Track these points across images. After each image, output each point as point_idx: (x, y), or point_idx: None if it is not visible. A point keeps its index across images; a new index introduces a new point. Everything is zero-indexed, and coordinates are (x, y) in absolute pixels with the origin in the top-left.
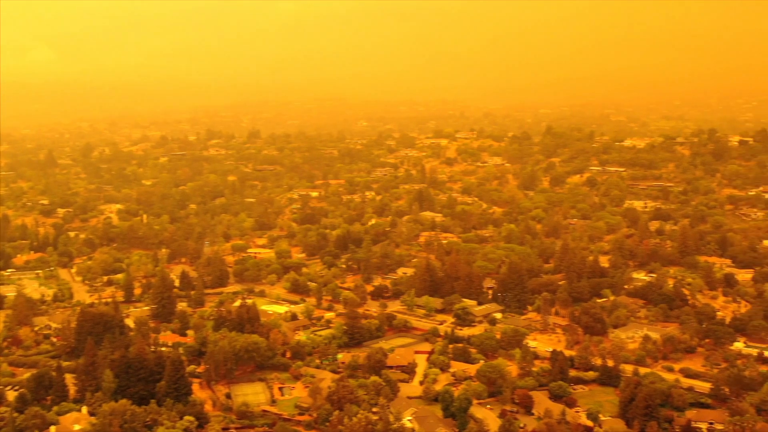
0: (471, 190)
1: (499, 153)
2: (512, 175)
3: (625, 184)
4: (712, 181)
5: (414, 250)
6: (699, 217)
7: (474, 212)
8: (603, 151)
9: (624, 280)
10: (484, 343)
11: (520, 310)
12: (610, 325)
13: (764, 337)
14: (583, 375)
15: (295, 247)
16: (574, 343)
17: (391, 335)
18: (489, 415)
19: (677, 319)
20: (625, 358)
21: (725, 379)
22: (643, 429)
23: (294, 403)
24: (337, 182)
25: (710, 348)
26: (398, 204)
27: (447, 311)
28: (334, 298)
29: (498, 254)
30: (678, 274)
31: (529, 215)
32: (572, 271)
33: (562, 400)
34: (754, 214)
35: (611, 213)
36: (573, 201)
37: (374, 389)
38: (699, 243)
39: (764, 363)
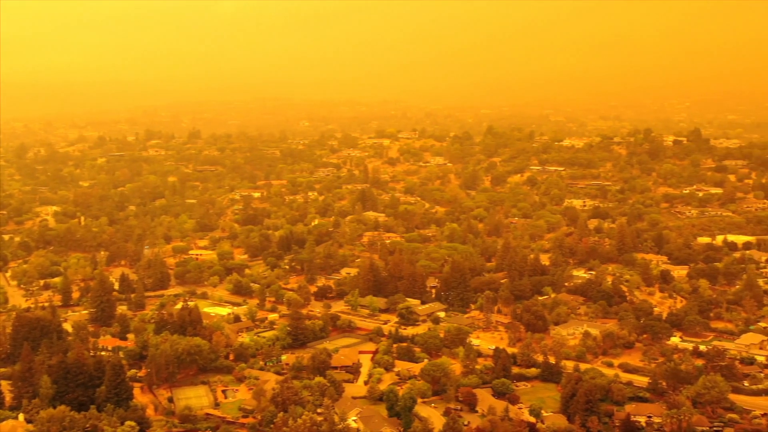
0: (414, 190)
1: (441, 153)
2: (454, 174)
3: (565, 183)
4: (648, 180)
5: (357, 250)
6: (636, 215)
7: (417, 212)
8: (543, 151)
9: (564, 278)
10: (428, 342)
11: (463, 308)
12: (551, 322)
13: (699, 332)
14: (526, 372)
15: (238, 249)
16: (516, 340)
17: (335, 336)
18: (433, 413)
19: (616, 316)
20: (566, 354)
21: (662, 373)
22: (584, 424)
23: (238, 405)
24: (280, 183)
25: (648, 343)
26: (341, 204)
27: (391, 311)
28: (278, 300)
29: (441, 253)
30: (616, 271)
31: (471, 214)
32: (514, 270)
33: (505, 397)
34: (689, 212)
35: (551, 212)
36: (514, 200)
37: (319, 390)
38: (636, 240)
39: (699, 357)
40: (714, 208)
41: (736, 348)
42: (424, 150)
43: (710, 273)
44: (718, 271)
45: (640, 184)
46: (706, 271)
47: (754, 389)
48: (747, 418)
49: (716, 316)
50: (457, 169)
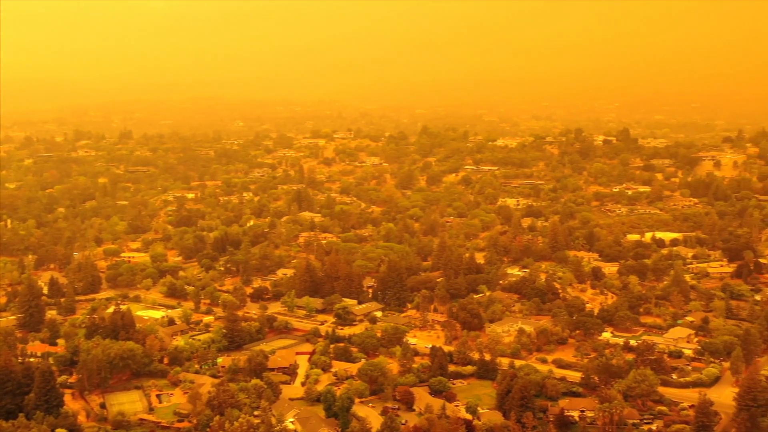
0: (349, 190)
1: (376, 153)
2: (390, 174)
3: (499, 183)
4: (580, 179)
5: (293, 251)
6: (568, 214)
7: (353, 212)
8: (477, 151)
9: (499, 276)
10: (365, 341)
11: (400, 307)
12: (486, 320)
13: (629, 327)
14: (462, 369)
15: (171, 251)
16: (452, 338)
17: (271, 337)
18: (371, 413)
19: (549, 312)
20: (502, 351)
21: (594, 368)
22: (519, 420)
23: (173, 409)
24: (214, 183)
25: (580, 339)
26: (277, 205)
27: (328, 311)
28: (213, 302)
29: (377, 253)
30: (549, 269)
31: (407, 214)
32: (449, 268)
33: (442, 395)
34: (618, 210)
35: (486, 211)
36: (449, 199)
37: (255, 392)
38: (568, 238)
39: (630, 351)
40: (642, 206)
41: (665, 342)
42: (359, 150)
43: (639, 269)
44: (646, 267)
45: (572, 183)
46: (636, 267)
47: (682, 382)
48: (675, 410)
49: (645, 311)
50: (392, 168)
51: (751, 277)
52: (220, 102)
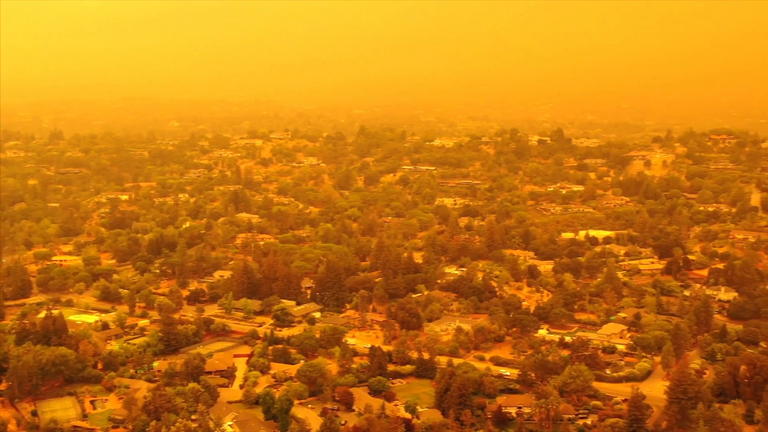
0: (287, 191)
1: (314, 153)
2: (327, 174)
3: (436, 183)
4: (515, 179)
5: (231, 253)
6: (504, 213)
7: (291, 212)
8: (414, 151)
9: (437, 275)
10: (304, 342)
11: (339, 308)
12: (425, 319)
13: (564, 324)
14: (401, 369)
15: (105, 254)
16: (391, 338)
17: (209, 340)
18: (310, 414)
19: (486, 311)
20: (440, 350)
21: (531, 364)
22: (458, 417)
23: (107, 416)
24: (149, 185)
25: (517, 336)
26: (213, 206)
27: (266, 313)
28: (148, 305)
29: (315, 254)
30: (486, 268)
31: (345, 214)
32: (388, 268)
33: (381, 394)
34: (553, 209)
35: (423, 210)
36: (387, 199)
37: (193, 396)
38: (504, 237)
39: (565, 348)
40: (576, 204)
41: (599, 338)
42: (297, 150)
43: (574, 267)
44: (581, 265)
45: (508, 182)
46: (570, 265)
47: (615, 377)
48: (609, 404)
49: (580, 308)
50: (330, 169)
51: (681, 274)
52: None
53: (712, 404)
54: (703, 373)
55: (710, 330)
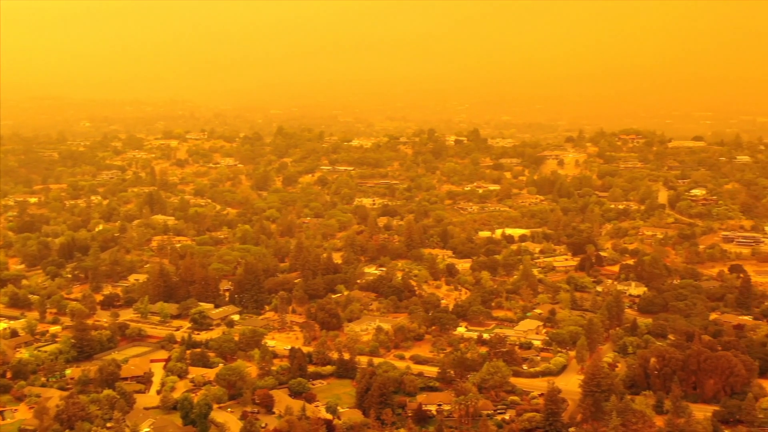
0: (204, 192)
1: (231, 154)
2: (245, 175)
3: (355, 183)
4: (433, 178)
5: (146, 256)
6: (422, 213)
7: (208, 214)
8: (333, 151)
9: (356, 275)
10: (223, 346)
11: (258, 310)
12: (345, 319)
13: (482, 321)
14: (321, 370)
15: (13, 258)
16: (311, 339)
17: (124, 345)
18: (230, 418)
19: (406, 309)
20: (360, 350)
21: (450, 362)
22: (379, 417)
23: (17, 426)
24: (59, 187)
25: (436, 334)
26: (127, 208)
27: (183, 316)
28: (60, 311)
29: (233, 255)
30: (405, 267)
31: (263, 215)
32: (307, 269)
33: (302, 396)
34: (470, 208)
35: (342, 211)
36: (306, 200)
37: (108, 403)
38: (423, 236)
39: (483, 344)
40: (493, 203)
41: (516, 334)
42: (213, 151)
43: (491, 265)
44: (497, 263)
45: (426, 182)
46: (487, 263)
47: (532, 372)
48: (526, 399)
49: (497, 305)
50: (248, 169)
51: (593, 270)
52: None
53: (624, 396)
54: (616, 366)
55: (622, 324)
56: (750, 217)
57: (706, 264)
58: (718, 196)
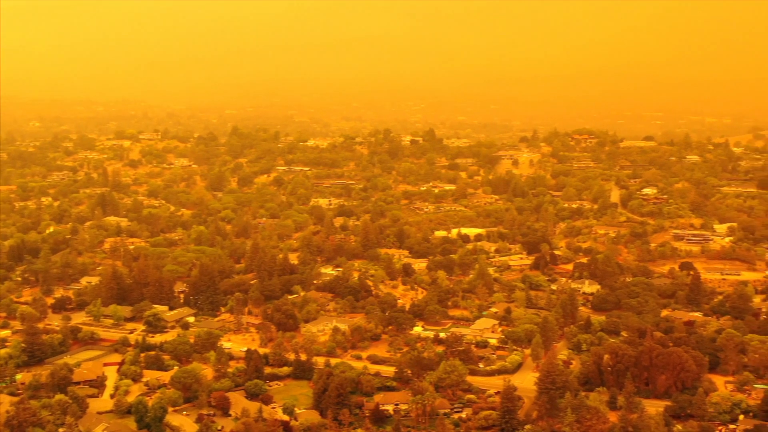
0: (158, 193)
1: (185, 154)
2: (200, 176)
3: (311, 183)
4: (389, 178)
5: (99, 258)
6: (378, 212)
7: (162, 215)
8: (288, 151)
9: (313, 276)
10: (178, 348)
11: (213, 312)
12: (301, 320)
13: (439, 320)
14: (278, 371)
15: None
16: (267, 340)
17: (76, 349)
18: (186, 421)
19: (363, 310)
20: (317, 350)
21: (407, 361)
22: (336, 417)
23: None
24: (8, 188)
25: (393, 334)
26: (79, 209)
27: (137, 319)
28: (9, 314)
29: (188, 257)
30: (362, 267)
31: (218, 216)
32: (263, 270)
33: (258, 398)
34: (426, 208)
35: (298, 211)
36: (261, 201)
37: (60, 408)
38: (379, 236)
39: (440, 344)
40: (448, 203)
41: (472, 333)
42: (167, 151)
43: (447, 264)
44: (453, 262)
45: (382, 182)
46: (443, 262)
47: (488, 370)
48: (483, 397)
49: (453, 304)
50: (202, 170)
51: (548, 268)
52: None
53: (579, 393)
54: (570, 363)
55: (576, 322)
56: (699, 215)
57: (658, 262)
58: (668, 195)
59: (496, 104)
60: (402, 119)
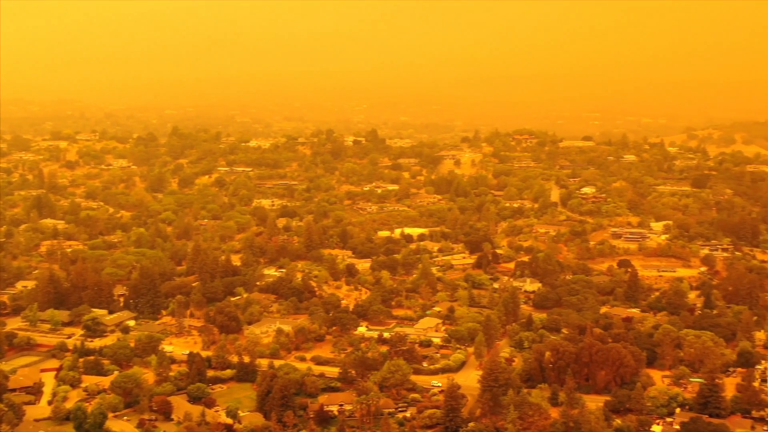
0: (96, 195)
1: (124, 155)
2: (139, 177)
3: (253, 184)
4: (332, 179)
5: (35, 261)
6: (322, 213)
7: (100, 217)
8: (230, 152)
9: (256, 277)
10: (118, 352)
11: (155, 315)
12: (244, 322)
13: (383, 320)
14: (221, 374)
15: None
16: (210, 343)
17: (12, 355)
18: (127, 427)
19: (306, 311)
20: (261, 352)
21: (351, 362)
22: (280, 419)
23: None
24: None
25: (337, 335)
26: (14, 212)
27: (75, 323)
28: None
29: (128, 260)
30: (305, 268)
31: (158, 218)
32: (205, 272)
33: (201, 401)
34: (369, 208)
35: (241, 212)
36: (203, 202)
37: None
38: (323, 237)
39: (384, 344)
40: (391, 203)
41: (416, 332)
42: (105, 152)
43: (390, 264)
44: (397, 262)
45: (325, 182)
46: (387, 262)
47: (432, 369)
48: (427, 396)
49: (397, 304)
50: (142, 171)
51: (490, 267)
52: None
53: (521, 390)
54: (512, 361)
55: (518, 319)
56: (636, 213)
57: (597, 259)
58: (606, 194)
59: (439, 105)
60: (345, 119)
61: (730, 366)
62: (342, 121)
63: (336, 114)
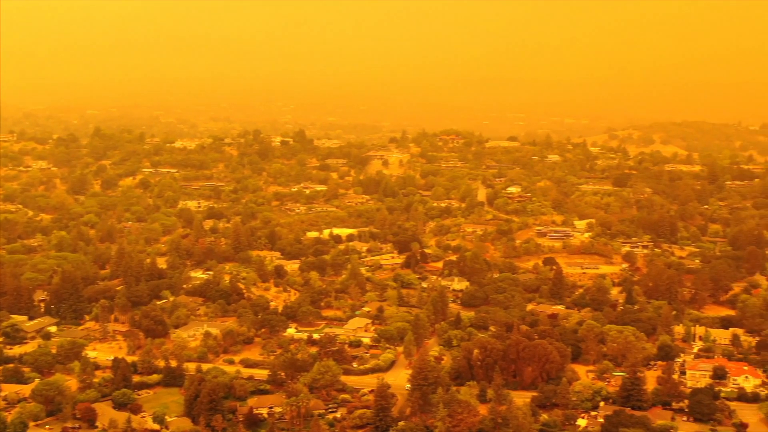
0: (14, 197)
1: (44, 156)
2: (60, 179)
3: (179, 185)
4: (259, 180)
5: None
6: (249, 214)
7: (19, 221)
8: (155, 153)
9: (182, 280)
10: (39, 359)
11: (77, 320)
12: (171, 326)
13: (312, 321)
14: (147, 379)
15: None
16: (135, 348)
17: None
18: None
19: (235, 313)
20: (188, 356)
21: (281, 364)
22: (209, 423)
23: None
24: None
25: (266, 337)
26: None
27: None
28: None
29: (49, 264)
30: (233, 270)
31: (81, 221)
32: (130, 275)
33: (127, 407)
34: (298, 209)
35: (166, 214)
36: (127, 204)
37: None
38: (251, 238)
39: (314, 345)
40: (320, 204)
41: (345, 333)
42: (24, 153)
43: (319, 265)
44: (326, 262)
45: (252, 183)
46: (316, 263)
47: (362, 369)
48: (357, 396)
49: (326, 304)
50: (63, 173)
51: (418, 267)
52: None
53: (450, 387)
54: (441, 359)
55: (446, 318)
56: (560, 212)
57: (523, 258)
58: (531, 193)
59: (366, 105)
60: (272, 120)
61: (651, 359)
62: (269, 121)
63: (263, 114)
